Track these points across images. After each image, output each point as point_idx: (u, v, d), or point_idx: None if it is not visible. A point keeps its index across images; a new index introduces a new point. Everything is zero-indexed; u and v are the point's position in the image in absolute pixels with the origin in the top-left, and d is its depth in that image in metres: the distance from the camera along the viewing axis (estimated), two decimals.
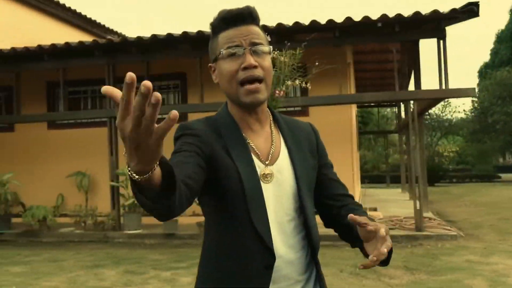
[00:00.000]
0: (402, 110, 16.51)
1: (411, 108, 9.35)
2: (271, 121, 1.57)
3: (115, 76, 10.01)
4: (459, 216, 11.76)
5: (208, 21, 1.58)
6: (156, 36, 9.24)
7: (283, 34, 8.41)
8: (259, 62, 1.45)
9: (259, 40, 1.47)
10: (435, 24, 8.75)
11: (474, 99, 28.02)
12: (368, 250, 1.31)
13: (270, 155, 1.49)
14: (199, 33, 8.97)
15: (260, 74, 1.45)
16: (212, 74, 1.55)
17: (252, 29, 1.47)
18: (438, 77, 8.59)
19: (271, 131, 1.54)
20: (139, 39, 9.37)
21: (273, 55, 6.66)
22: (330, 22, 8.66)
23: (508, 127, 25.40)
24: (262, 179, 1.45)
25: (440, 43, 8.69)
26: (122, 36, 13.29)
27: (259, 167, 1.46)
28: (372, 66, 14.00)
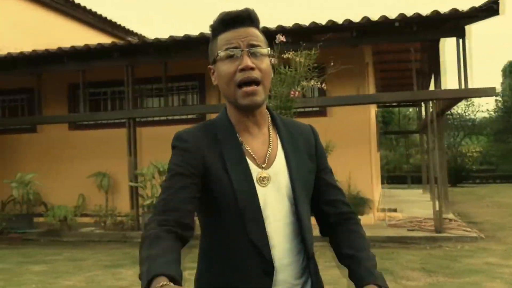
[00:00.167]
0: (423, 110, 16.32)
1: (431, 108, 9.26)
2: (270, 123, 1.56)
3: (134, 77, 10.12)
4: (481, 218, 11.56)
5: (208, 20, 1.59)
6: (173, 37, 9.31)
7: (300, 34, 8.38)
8: (257, 64, 1.44)
9: (258, 42, 1.47)
10: (454, 23, 8.62)
11: (498, 98, 27.52)
12: None
13: (267, 158, 1.49)
14: None
15: (258, 76, 1.44)
16: (212, 76, 1.55)
17: (251, 31, 1.47)
18: (458, 76, 8.47)
19: (269, 134, 1.54)
20: (157, 40, 9.45)
21: (288, 55, 6.67)
22: (348, 22, 8.61)
23: None
24: (258, 183, 1.45)
25: (460, 42, 8.57)
26: (140, 37, 13.44)
27: (255, 171, 1.46)
28: (393, 66, 13.86)
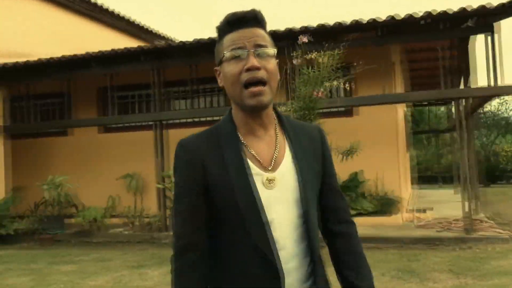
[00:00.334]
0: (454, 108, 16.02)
1: (460, 106, 9.09)
2: (277, 124, 1.55)
3: (160, 80, 10.24)
4: None
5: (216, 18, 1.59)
6: (199, 40, 9.38)
7: (324, 34, 8.34)
8: (263, 65, 1.44)
9: (264, 43, 1.46)
10: (482, 20, 8.44)
11: None
12: None
13: (273, 161, 1.47)
14: None
15: (264, 76, 1.43)
16: (218, 78, 1.55)
17: (257, 31, 1.47)
18: (487, 74, 8.29)
19: (276, 136, 1.52)
20: (183, 43, 9.54)
21: (311, 56, 6.65)
22: (373, 21, 8.52)
23: None
24: (265, 186, 1.44)
25: (488, 39, 8.38)
26: (167, 40, 13.58)
27: (261, 174, 1.45)
28: (423, 64, 13.65)
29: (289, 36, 8.22)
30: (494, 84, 8.33)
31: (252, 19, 1.47)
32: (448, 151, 26.52)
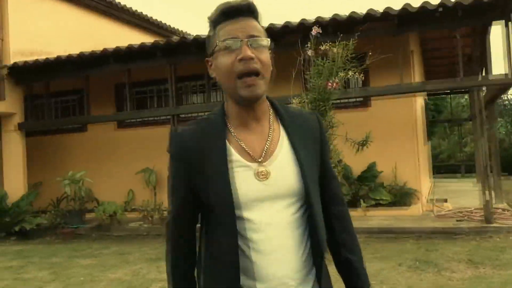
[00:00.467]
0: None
1: (480, 95, 8.94)
2: (271, 115, 1.53)
3: (176, 75, 10.28)
4: None
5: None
6: None
7: (339, 25, 8.28)
8: (257, 55, 1.42)
9: (257, 33, 1.45)
10: (501, 8, 8.26)
11: None
12: None
13: (264, 152, 1.46)
14: None
15: (258, 66, 1.42)
16: (209, 69, 1.53)
17: (250, 22, 1.46)
18: (505, 62, 8.13)
19: (270, 127, 1.50)
20: (196, 38, 9.56)
21: (325, 47, 6.61)
22: (387, 12, 8.41)
23: None
24: (257, 178, 1.43)
25: (509, 26, 8.21)
26: (182, 35, 13.62)
27: (249, 166, 1.44)
28: (442, 53, 13.45)
29: (302, 29, 8.19)
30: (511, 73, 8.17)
31: (245, 9, 1.46)
32: (471, 140, 26.10)
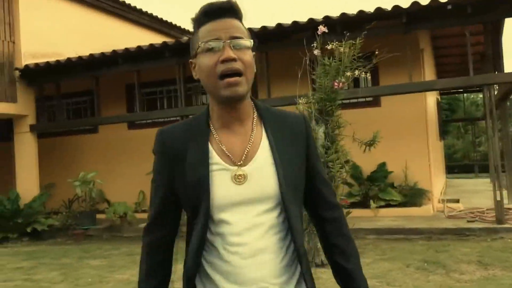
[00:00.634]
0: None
1: (492, 92, 8.81)
2: (255, 117, 1.51)
3: (185, 75, 10.29)
4: None
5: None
6: None
7: (347, 24, 8.22)
8: (239, 56, 1.40)
9: (240, 34, 1.43)
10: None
11: None
12: None
13: (245, 155, 1.44)
14: (263, 28, 9.01)
15: (240, 67, 1.40)
16: (193, 71, 1.52)
17: (233, 22, 1.44)
18: None
19: (252, 129, 1.48)
20: None
21: (332, 46, 6.55)
22: (396, 9, 8.33)
23: None
24: (234, 181, 1.42)
25: None
26: (190, 34, 13.62)
27: (228, 169, 1.43)
28: (454, 50, 13.31)
29: (311, 27, 8.14)
30: None
31: (228, 10, 1.44)
32: (486, 139, 25.80)
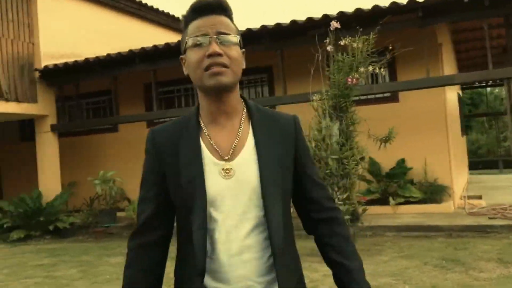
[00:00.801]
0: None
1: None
2: (244, 114, 1.52)
3: None
4: None
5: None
6: None
7: (362, 19, 8.14)
8: (226, 52, 1.42)
9: (227, 30, 1.45)
10: None
11: None
12: None
13: (232, 150, 1.46)
14: (277, 25, 8.98)
15: (226, 61, 1.42)
16: (183, 66, 1.54)
17: (221, 19, 1.46)
18: None
19: (240, 125, 1.50)
20: None
21: (345, 42, 6.50)
22: (412, 2, 8.21)
23: None
24: (222, 175, 1.43)
25: None
26: None
27: (217, 164, 1.44)
28: (475, 44, 13.09)
29: (326, 23, 8.07)
30: None
31: (216, 7, 1.46)
32: (510, 133, 25.29)
